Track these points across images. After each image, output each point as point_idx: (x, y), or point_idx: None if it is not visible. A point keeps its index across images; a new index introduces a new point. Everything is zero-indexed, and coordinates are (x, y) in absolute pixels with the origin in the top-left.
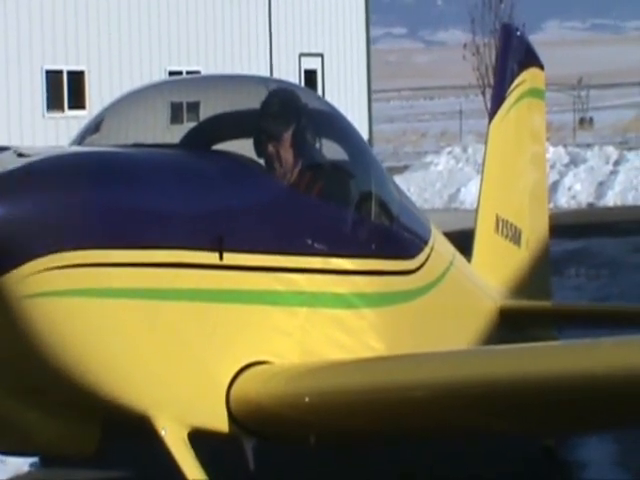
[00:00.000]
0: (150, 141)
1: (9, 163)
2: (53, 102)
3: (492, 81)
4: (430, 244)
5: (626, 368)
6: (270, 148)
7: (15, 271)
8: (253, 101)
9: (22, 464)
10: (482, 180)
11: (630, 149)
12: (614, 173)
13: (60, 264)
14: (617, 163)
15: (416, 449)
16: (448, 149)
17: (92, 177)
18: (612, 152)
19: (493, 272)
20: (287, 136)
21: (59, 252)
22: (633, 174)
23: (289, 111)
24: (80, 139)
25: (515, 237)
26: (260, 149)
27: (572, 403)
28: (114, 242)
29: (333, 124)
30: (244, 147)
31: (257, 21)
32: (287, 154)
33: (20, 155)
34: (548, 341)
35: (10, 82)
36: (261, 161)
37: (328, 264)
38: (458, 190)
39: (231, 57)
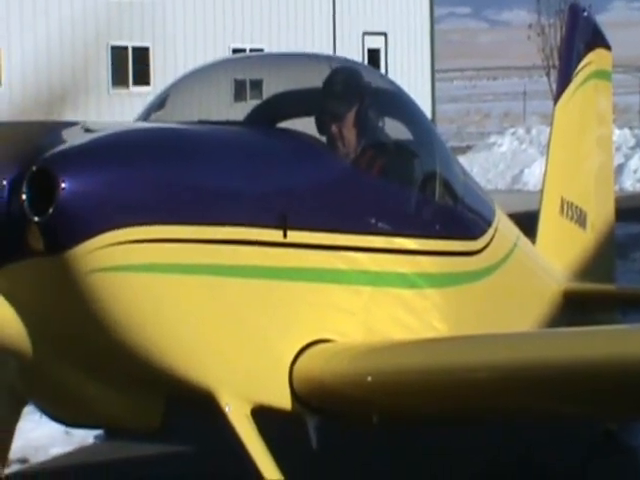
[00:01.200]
0: (214, 118)
1: (77, 138)
2: (118, 78)
3: (557, 62)
4: (494, 225)
5: None
6: (333, 127)
7: (81, 245)
8: (316, 79)
9: (87, 436)
10: (547, 162)
11: None
12: None
13: (125, 239)
14: None
15: (475, 431)
16: (512, 130)
17: (158, 153)
18: None
19: (557, 254)
20: (350, 115)
21: (125, 227)
22: None
23: (353, 90)
24: (145, 115)
25: (580, 219)
26: (323, 127)
27: (634, 387)
28: (179, 218)
29: (397, 103)
30: (307, 125)
31: None
32: (350, 133)
33: (87, 130)
34: (612, 324)
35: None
36: (324, 139)
37: (392, 244)
38: (522, 171)
39: (294, 35)
